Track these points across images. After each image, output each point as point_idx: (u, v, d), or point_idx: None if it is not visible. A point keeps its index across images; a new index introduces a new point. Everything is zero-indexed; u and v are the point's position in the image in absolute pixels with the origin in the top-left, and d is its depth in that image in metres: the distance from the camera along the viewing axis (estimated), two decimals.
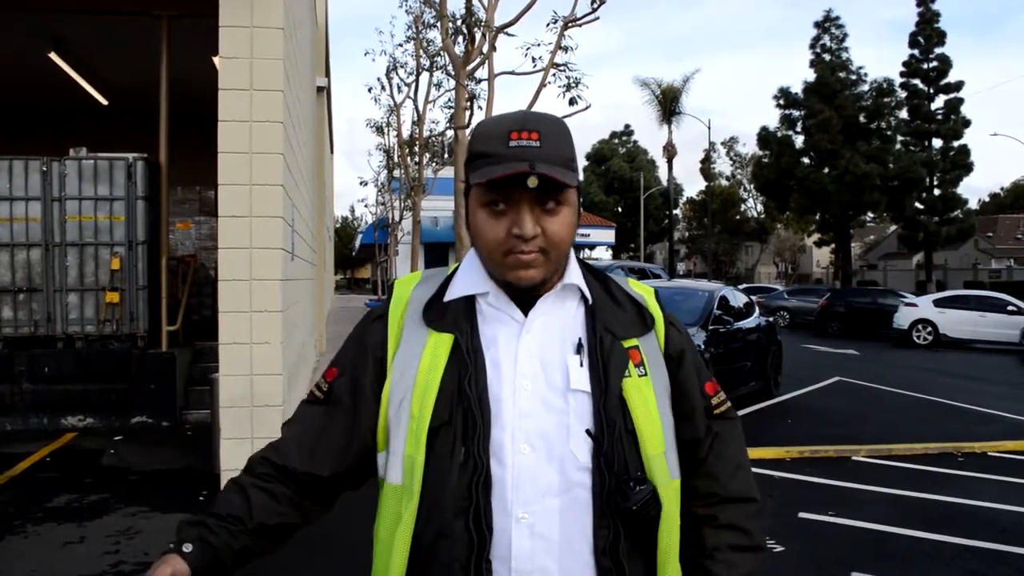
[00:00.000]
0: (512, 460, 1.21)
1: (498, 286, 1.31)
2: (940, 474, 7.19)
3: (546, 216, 1.24)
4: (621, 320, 1.35)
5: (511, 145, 1.23)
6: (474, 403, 1.22)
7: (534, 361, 1.27)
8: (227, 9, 6.26)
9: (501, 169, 1.21)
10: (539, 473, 1.22)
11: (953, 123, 39.58)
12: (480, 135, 1.29)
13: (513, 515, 1.20)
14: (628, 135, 69.25)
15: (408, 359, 1.29)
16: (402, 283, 1.40)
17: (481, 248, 1.29)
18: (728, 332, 10.04)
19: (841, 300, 25.23)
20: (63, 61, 11.17)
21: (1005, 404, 11.21)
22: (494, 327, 1.30)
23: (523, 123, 1.25)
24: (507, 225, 1.24)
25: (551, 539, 1.21)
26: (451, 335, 1.28)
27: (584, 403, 1.25)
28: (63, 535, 5.19)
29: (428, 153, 24.18)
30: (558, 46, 11.95)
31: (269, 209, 6.31)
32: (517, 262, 1.25)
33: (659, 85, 44.28)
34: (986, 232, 64.01)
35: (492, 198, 1.24)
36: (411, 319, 1.32)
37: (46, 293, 8.62)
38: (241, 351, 6.24)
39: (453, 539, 1.19)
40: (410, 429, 1.24)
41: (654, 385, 1.32)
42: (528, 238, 1.23)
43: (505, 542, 1.20)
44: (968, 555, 5.10)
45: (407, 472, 1.23)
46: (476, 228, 1.29)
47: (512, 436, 1.22)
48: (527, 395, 1.24)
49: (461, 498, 1.20)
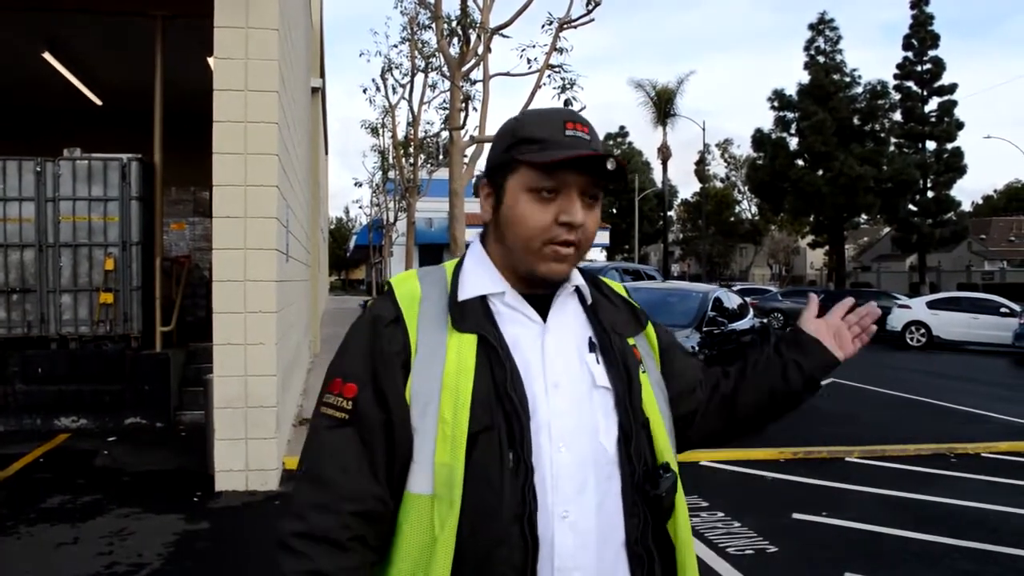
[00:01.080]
0: (551, 460, 1.22)
1: (512, 286, 1.31)
2: (932, 475, 7.22)
3: (587, 210, 1.27)
4: (620, 320, 1.39)
5: (567, 134, 1.26)
6: (518, 406, 1.20)
7: (560, 362, 1.28)
8: (222, 10, 6.26)
9: (568, 149, 1.23)
10: (575, 471, 1.23)
11: (946, 125, 39.72)
12: (529, 122, 1.29)
13: (556, 514, 1.20)
14: (623, 136, 69.42)
15: (430, 362, 1.24)
16: (403, 282, 1.35)
17: (519, 234, 1.27)
18: (722, 334, 10.05)
19: (835, 302, 25.22)
20: (57, 61, 11.15)
21: (997, 405, 11.25)
22: (513, 328, 1.29)
23: (575, 116, 1.29)
24: (554, 212, 1.25)
25: (590, 534, 1.22)
26: (474, 335, 1.25)
27: (607, 399, 1.28)
28: (56, 536, 5.18)
29: (423, 154, 24.17)
30: (553, 48, 11.98)
31: (263, 210, 6.31)
32: (556, 254, 1.26)
33: (654, 87, 44.38)
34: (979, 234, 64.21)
35: (546, 184, 1.24)
36: (426, 319, 1.28)
37: (40, 294, 8.60)
38: (235, 352, 6.24)
39: (511, 545, 1.17)
40: (442, 435, 1.20)
41: (652, 381, 1.37)
42: (577, 225, 1.25)
43: (549, 541, 1.20)
44: (958, 555, 5.12)
45: (442, 482, 1.18)
46: (517, 214, 1.27)
47: (549, 436, 1.23)
48: (559, 394, 1.25)
49: (517, 504, 1.18)
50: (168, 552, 4.90)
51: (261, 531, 5.40)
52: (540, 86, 11.99)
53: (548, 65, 11.93)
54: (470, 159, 12.46)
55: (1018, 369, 17.09)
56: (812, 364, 1.49)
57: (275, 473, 6.35)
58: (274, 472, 6.34)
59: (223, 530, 5.39)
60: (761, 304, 27.23)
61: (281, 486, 6.33)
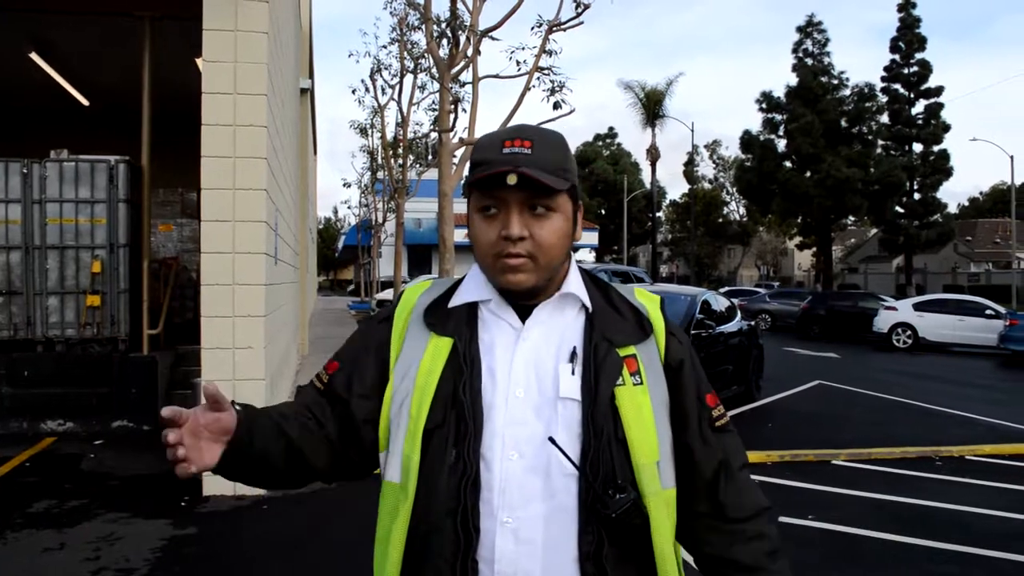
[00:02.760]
0: (500, 465, 1.24)
1: (499, 294, 1.35)
2: (918, 478, 7.27)
3: (535, 221, 1.28)
4: (620, 328, 1.36)
5: (504, 152, 1.28)
6: (467, 408, 1.26)
7: (528, 369, 1.29)
8: (211, 12, 6.24)
9: (489, 170, 1.27)
10: (525, 480, 1.24)
11: (933, 128, 39.97)
12: (479, 145, 1.35)
13: (498, 519, 1.23)
14: (612, 137, 69.49)
15: (409, 362, 1.34)
16: (411, 290, 1.45)
17: (477, 252, 1.33)
18: (710, 336, 10.10)
19: (822, 303, 25.41)
20: (44, 62, 11.08)
21: (983, 408, 11.35)
22: (493, 333, 1.33)
23: (518, 132, 1.31)
24: (498, 227, 1.29)
25: (535, 544, 1.23)
26: (450, 339, 1.32)
27: (574, 411, 1.27)
28: (43, 541, 5.15)
29: (412, 155, 24.14)
30: (542, 50, 11.97)
31: (252, 213, 6.30)
32: (506, 266, 1.28)
33: (643, 88, 44.45)
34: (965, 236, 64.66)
35: (485, 203, 1.30)
36: (414, 323, 1.38)
37: (26, 296, 8.55)
38: (224, 356, 6.22)
39: (443, 537, 1.24)
40: (408, 430, 1.28)
41: (651, 395, 1.32)
42: (514, 238, 1.26)
43: (490, 544, 1.23)
44: (941, 558, 5.17)
45: (404, 471, 1.28)
46: (472, 234, 1.34)
47: (502, 442, 1.25)
48: (519, 403, 1.27)
49: (451, 498, 1.24)
50: (155, 557, 4.88)
51: (249, 536, 5.39)
52: (529, 88, 11.98)
53: (537, 67, 11.93)
54: (459, 161, 12.45)
55: (1003, 371, 17.23)
56: None
57: None
58: None
59: (211, 535, 5.37)
60: (749, 305, 27.36)
61: (269, 491, 6.32)
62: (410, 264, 37.42)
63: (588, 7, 11.67)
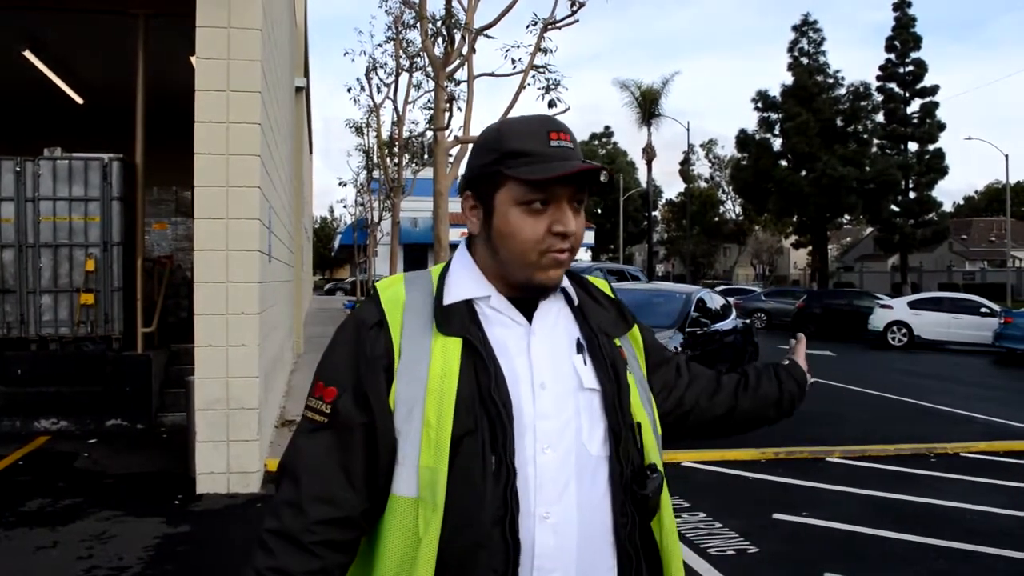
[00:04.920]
0: (534, 462, 1.23)
1: (498, 290, 1.32)
2: (912, 475, 7.28)
3: (575, 217, 1.29)
4: (607, 320, 1.40)
5: (552, 144, 1.26)
6: (501, 410, 1.21)
7: (546, 363, 1.29)
8: (204, 9, 6.23)
9: (566, 166, 1.24)
10: (558, 473, 1.24)
11: (928, 127, 40.12)
12: (513, 133, 1.29)
13: (538, 515, 1.22)
14: (608, 136, 69.63)
15: (414, 365, 1.24)
16: (390, 287, 1.35)
17: (514, 248, 1.28)
18: (705, 334, 10.10)
19: (817, 302, 25.45)
20: (38, 60, 11.05)
21: (977, 405, 11.37)
22: (499, 331, 1.30)
23: (557, 125, 1.29)
24: (546, 223, 1.26)
25: (571, 534, 1.23)
26: (459, 339, 1.25)
27: (594, 401, 1.29)
28: (36, 540, 5.14)
29: (408, 154, 24.12)
30: (537, 48, 11.97)
31: (246, 211, 6.29)
32: (553, 261, 1.27)
33: (639, 87, 44.53)
34: (960, 235, 64.83)
35: (534, 196, 1.26)
36: (411, 323, 1.28)
37: (19, 295, 8.53)
38: (217, 354, 6.21)
39: (491, 548, 1.19)
40: (426, 439, 1.20)
41: (637, 381, 1.38)
42: (571, 234, 1.27)
43: (530, 542, 1.21)
44: (935, 554, 5.18)
45: (425, 484, 1.20)
46: (510, 228, 1.27)
47: (534, 438, 1.24)
48: (544, 396, 1.26)
49: (498, 507, 1.19)
50: (149, 555, 4.87)
51: (242, 534, 5.38)
52: (524, 87, 11.98)
53: (532, 66, 11.92)
54: (454, 159, 12.44)
55: (997, 369, 17.27)
56: (799, 374, 1.76)
57: (257, 475, 6.33)
58: (256, 474, 6.32)
59: (204, 533, 5.36)
60: (744, 304, 27.37)
61: (263, 488, 6.31)
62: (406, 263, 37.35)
63: (583, 5, 11.68)
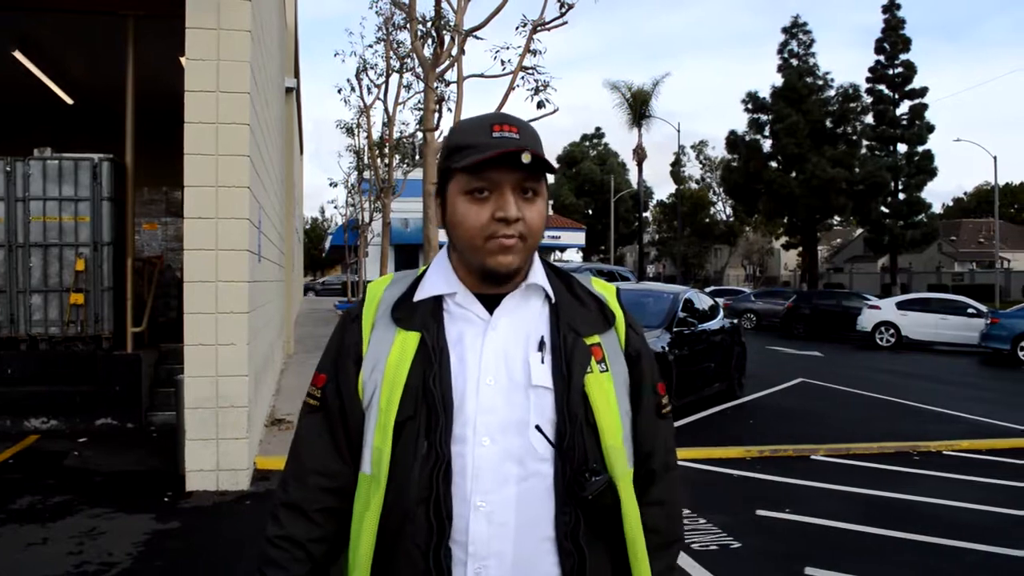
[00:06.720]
0: (472, 452, 1.29)
1: (466, 286, 1.38)
2: (896, 472, 7.37)
3: (525, 204, 1.32)
4: (585, 318, 1.41)
5: (494, 136, 1.31)
6: (437, 399, 1.29)
7: (498, 358, 1.33)
8: (194, 10, 6.27)
9: (492, 150, 1.28)
10: (498, 464, 1.29)
11: (917, 128, 40.31)
12: (461, 130, 1.37)
13: (472, 503, 1.28)
14: (599, 138, 69.62)
15: (377, 356, 1.36)
16: (375, 285, 1.47)
17: (462, 236, 1.34)
18: (693, 334, 10.18)
19: (806, 302, 25.57)
20: (28, 60, 11.05)
21: (962, 404, 11.48)
22: (460, 325, 1.36)
23: (504, 118, 1.35)
24: (490, 210, 1.30)
25: (508, 525, 1.28)
26: (418, 333, 1.34)
27: (545, 398, 1.32)
28: (26, 536, 5.18)
29: (398, 155, 24.13)
30: (527, 49, 12.01)
31: (235, 211, 6.33)
32: (499, 247, 1.31)
33: (629, 88, 44.59)
34: (949, 236, 65.12)
35: (476, 185, 1.31)
36: (382, 318, 1.39)
37: (9, 294, 8.54)
38: (206, 352, 6.25)
39: (416, 525, 1.28)
40: (379, 423, 1.32)
41: (615, 380, 1.38)
42: (512, 220, 1.29)
43: (463, 528, 1.28)
44: (918, 550, 5.26)
45: (375, 463, 1.31)
46: (457, 216, 1.34)
47: (473, 429, 1.30)
48: (489, 391, 1.31)
49: (423, 488, 1.27)
50: (138, 552, 4.91)
51: (231, 531, 5.42)
52: (514, 88, 12.02)
53: (522, 67, 11.97)
54: None
55: (984, 369, 17.41)
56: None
57: (246, 473, 6.37)
58: (245, 472, 6.35)
59: (193, 530, 5.40)
60: (734, 305, 27.50)
61: (252, 486, 6.35)
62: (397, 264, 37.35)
63: (572, 7, 11.72)
